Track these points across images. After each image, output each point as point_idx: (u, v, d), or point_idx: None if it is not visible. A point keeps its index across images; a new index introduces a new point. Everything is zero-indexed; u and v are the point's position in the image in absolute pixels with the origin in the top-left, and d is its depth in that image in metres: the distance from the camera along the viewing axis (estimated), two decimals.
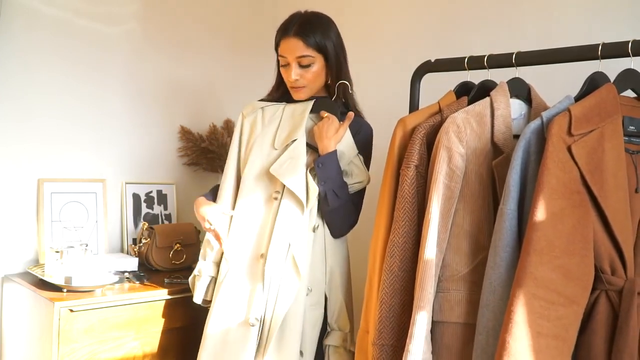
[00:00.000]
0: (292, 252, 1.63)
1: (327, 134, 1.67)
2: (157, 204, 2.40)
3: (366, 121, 1.82)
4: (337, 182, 1.67)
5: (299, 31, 1.67)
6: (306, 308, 1.66)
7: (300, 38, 1.67)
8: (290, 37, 1.68)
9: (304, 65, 1.69)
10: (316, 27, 1.69)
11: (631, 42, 1.27)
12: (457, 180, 1.36)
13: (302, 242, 1.64)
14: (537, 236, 1.16)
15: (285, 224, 1.65)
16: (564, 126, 1.20)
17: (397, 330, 1.40)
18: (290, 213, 1.65)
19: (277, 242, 1.64)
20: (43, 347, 1.71)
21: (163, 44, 2.42)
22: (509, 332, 1.13)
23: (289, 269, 1.63)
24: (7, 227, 2.04)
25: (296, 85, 1.73)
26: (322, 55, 1.71)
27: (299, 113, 1.75)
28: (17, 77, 2.05)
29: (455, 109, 1.46)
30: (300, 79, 1.71)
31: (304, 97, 1.76)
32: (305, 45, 1.67)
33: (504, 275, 1.24)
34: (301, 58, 1.69)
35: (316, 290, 1.69)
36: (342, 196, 1.67)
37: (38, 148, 2.11)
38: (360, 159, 1.75)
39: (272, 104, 1.81)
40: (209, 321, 1.68)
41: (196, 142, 2.47)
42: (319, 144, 1.69)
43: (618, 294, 1.20)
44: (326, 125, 1.68)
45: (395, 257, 1.40)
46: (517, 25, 1.95)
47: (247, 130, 1.79)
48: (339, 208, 1.68)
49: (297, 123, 1.73)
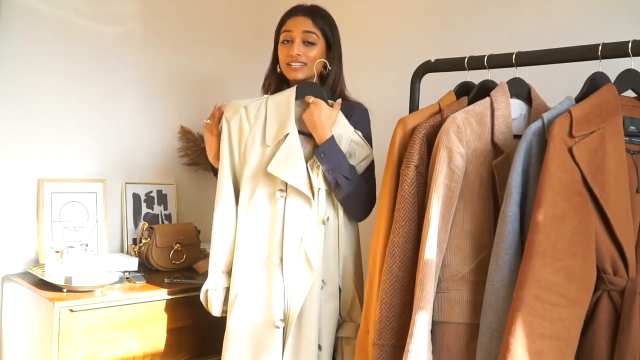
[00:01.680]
0: (304, 248, 1.62)
1: (319, 121, 1.64)
2: (157, 204, 2.40)
3: (358, 102, 1.81)
4: (344, 166, 1.64)
5: (309, 12, 1.76)
6: (321, 302, 1.65)
7: (309, 17, 1.75)
8: (299, 15, 1.75)
9: (308, 41, 1.72)
10: (324, 15, 1.78)
11: (631, 42, 1.27)
12: (458, 181, 1.36)
13: (313, 237, 1.63)
14: (539, 238, 1.16)
15: (294, 221, 1.64)
16: (565, 128, 1.21)
17: (397, 330, 1.40)
18: (298, 209, 1.64)
19: (290, 241, 1.63)
20: (43, 347, 1.71)
21: (163, 44, 2.42)
22: (512, 334, 1.13)
23: (302, 265, 1.62)
24: (7, 227, 2.04)
25: (296, 61, 1.72)
26: (325, 41, 1.76)
27: (284, 104, 1.70)
28: (17, 77, 2.05)
29: (455, 109, 1.46)
30: (302, 56, 1.72)
31: (300, 77, 1.74)
32: (313, 23, 1.74)
33: (506, 277, 1.24)
34: (307, 34, 1.72)
35: (330, 283, 1.68)
36: (353, 179, 1.65)
37: (38, 148, 2.10)
38: (359, 134, 1.71)
39: (252, 100, 1.75)
40: (231, 327, 1.65)
41: (196, 142, 2.47)
42: (313, 133, 1.66)
43: (620, 294, 1.20)
44: (316, 112, 1.64)
45: (395, 257, 1.40)
46: (517, 25, 1.95)
47: (236, 134, 1.72)
48: (354, 191, 1.66)
49: (284, 115, 1.68)
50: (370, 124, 1.79)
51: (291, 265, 1.63)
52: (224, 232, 1.72)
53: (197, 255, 2.22)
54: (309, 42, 1.73)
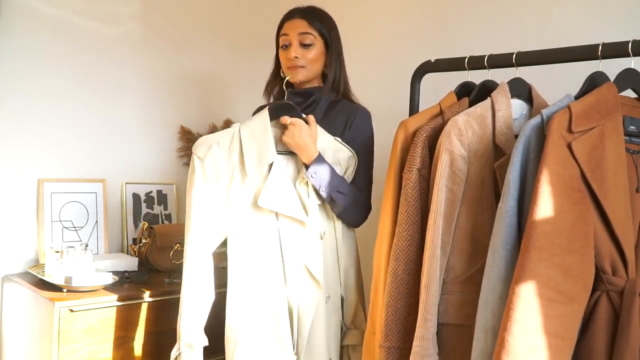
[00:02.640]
0: (306, 266, 1.58)
1: (303, 142, 1.58)
2: (157, 204, 2.40)
3: (361, 105, 1.78)
4: (336, 182, 1.61)
5: (304, 14, 1.75)
6: (327, 315, 1.63)
7: (304, 19, 1.74)
8: (295, 18, 1.75)
9: (305, 44, 1.72)
10: (321, 15, 1.77)
11: (631, 42, 1.27)
12: (460, 183, 1.36)
13: (313, 254, 1.60)
14: (537, 233, 1.15)
15: (292, 244, 1.59)
16: (564, 123, 1.20)
17: (403, 332, 1.41)
18: (294, 232, 1.59)
19: (291, 264, 1.58)
20: (43, 347, 1.71)
21: (163, 44, 2.42)
22: (508, 331, 1.13)
23: (308, 283, 1.58)
24: (7, 227, 2.04)
25: (295, 64, 1.72)
26: (323, 41, 1.75)
27: (259, 130, 1.60)
28: (17, 77, 2.05)
29: (456, 110, 1.46)
30: (300, 58, 1.71)
31: (301, 79, 1.74)
32: (308, 24, 1.73)
33: (503, 273, 1.23)
34: (303, 35, 1.71)
35: (334, 295, 1.66)
36: (347, 192, 1.63)
37: (38, 148, 2.10)
38: (339, 140, 1.67)
39: (222, 132, 1.63)
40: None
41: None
42: (299, 154, 1.60)
43: (619, 295, 1.19)
44: (297, 133, 1.59)
45: (399, 260, 1.40)
46: (517, 25, 1.95)
47: (212, 172, 1.57)
48: (350, 203, 1.64)
49: (262, 142, 1.58)
50: (372, 128, 1.77)
51: (297, 287, 1.58)
52: (200, 284, 1.55)
53: None
54: (305, 44, 1.72)
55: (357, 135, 1.73)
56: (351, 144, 1.70)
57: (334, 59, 1.78)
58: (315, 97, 1.76)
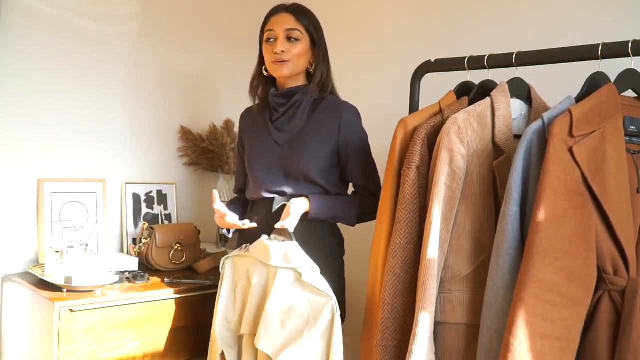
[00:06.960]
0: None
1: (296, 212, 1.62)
2: (157, 204, 2.40)
3: (346, 103, 1.77)
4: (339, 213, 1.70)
5: (291, 10, 1.76)
6: None
7: (291, 14, 1.74)
8: (281, 13, 1.75)
9: (292, 37, 1.71)
10: (307, 12, 1.77)
11: (631, 42, 1.27)
12: (459, 181, 1.36)
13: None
14: (540, 238, 1.16)
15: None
16: (565, 127, 1.21)
17: (400, 331, 1.41)
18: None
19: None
20: (43, 347, 1.71)
21: (163, 43, 2.42)
22: (513, 334, 1.13)
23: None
24: (7, 227, 2.04)
25: (280, 59, 1.71)
26: (309, 37, 1.75)
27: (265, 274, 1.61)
28: (17, 77, 2.05)
29: (456, 109, 1.46)
30: (286, 52, 1.70)
31: (286, 74, 1.72)
32: (295, 20, 1.73)
33: (507, 277, 1.24)
34: (290, 31, 1.71)
35: None
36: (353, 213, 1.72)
37: (38, 148, 2.10)
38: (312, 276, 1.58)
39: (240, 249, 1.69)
40: None
41: (196, 142, 2.47)
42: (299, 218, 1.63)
43: (621, 295, 1.20)
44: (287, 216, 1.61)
45: (397, 258, 1.40)
46: (517, 25, 1.95)
47: None
48: (358, 218, 1.74)
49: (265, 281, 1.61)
50: (362, 124, 1.78)
51: None
52: None
53: (197, 255, 2.22)
54: (293, 38, 1.72)
55: (351, 136, 1.73)
56: (345, 147, 1.72)
57: (321, 56, 1.77)
58: (298, 98, 1.75)
